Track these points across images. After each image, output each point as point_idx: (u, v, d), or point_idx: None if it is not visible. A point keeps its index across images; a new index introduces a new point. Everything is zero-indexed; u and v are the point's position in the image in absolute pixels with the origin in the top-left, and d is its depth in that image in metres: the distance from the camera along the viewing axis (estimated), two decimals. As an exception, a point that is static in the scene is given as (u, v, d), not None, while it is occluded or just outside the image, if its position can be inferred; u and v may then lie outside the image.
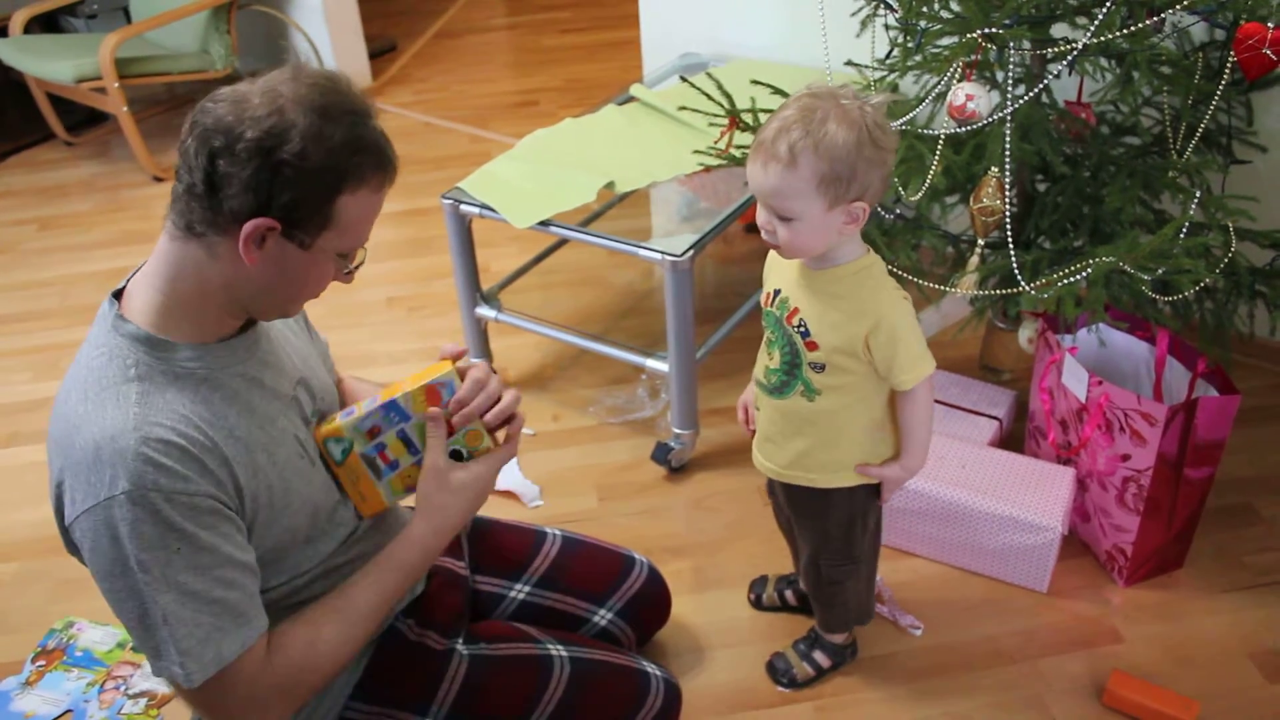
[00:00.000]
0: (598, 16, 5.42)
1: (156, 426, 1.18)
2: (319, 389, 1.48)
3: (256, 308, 1.30)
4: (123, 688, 2.15)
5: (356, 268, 1.32)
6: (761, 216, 1.49)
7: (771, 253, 1.63)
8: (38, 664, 2.22)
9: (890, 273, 1.61)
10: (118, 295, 1.29)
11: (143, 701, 2.12)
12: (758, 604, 2.15)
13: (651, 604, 1.85)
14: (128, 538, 1.16)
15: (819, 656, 1.97)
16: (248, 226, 1.18)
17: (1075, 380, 2.10)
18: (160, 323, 1.24)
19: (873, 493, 1.73)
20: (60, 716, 2.12)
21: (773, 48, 3.12)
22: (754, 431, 1.79)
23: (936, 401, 2.45)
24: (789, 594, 2.12)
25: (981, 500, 2.11)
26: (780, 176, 1.42)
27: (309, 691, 1.32)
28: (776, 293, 1.62)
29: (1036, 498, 2.10)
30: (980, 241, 2.06)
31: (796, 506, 1.80)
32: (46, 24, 4.71)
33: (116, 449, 1.16)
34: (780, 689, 1.97)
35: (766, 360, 1.67)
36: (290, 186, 1.17)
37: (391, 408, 1.42)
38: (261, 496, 1.29)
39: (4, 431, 2.91)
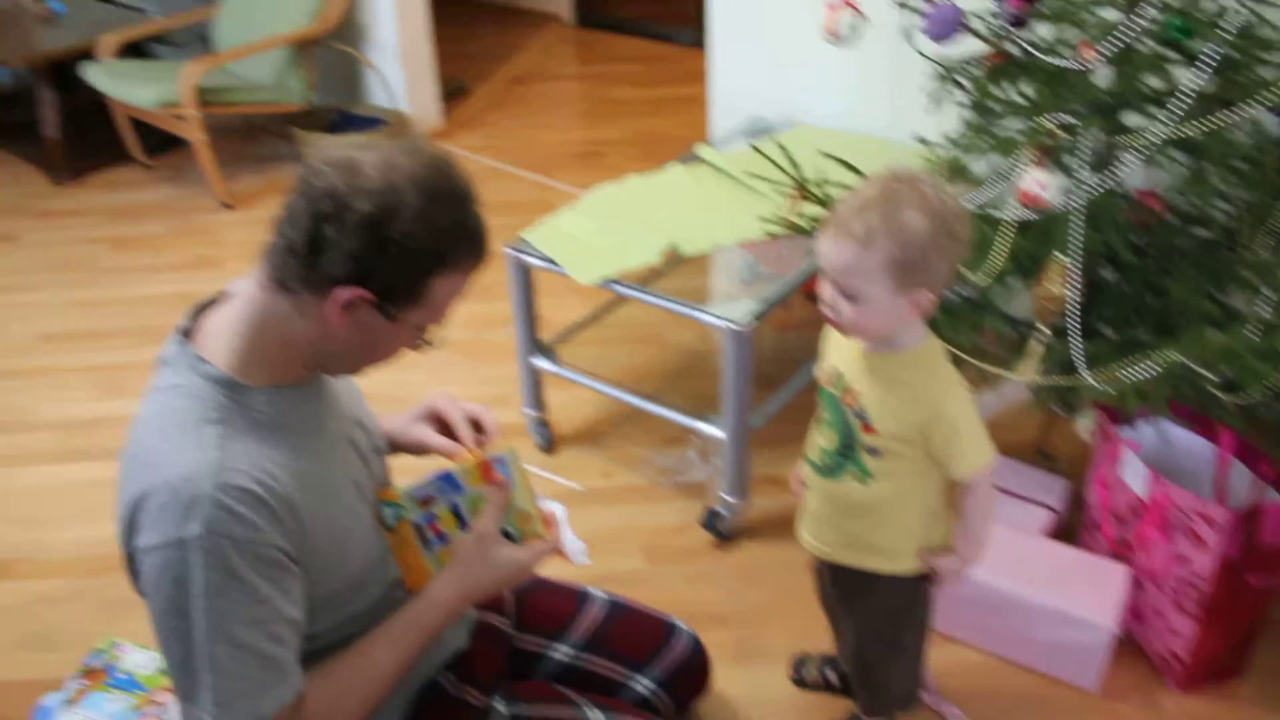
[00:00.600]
0: (667, 71, 5.47)
1: (234, 473, 1.19)
2: (371, 425, 1.50)
3: (331, 365, 1.32)
4: (161, 715, 2.16)
5: (434, 344, 1.34)
6: (826, 292, 1.49)
7: (830, 330, 1.63)
8: (81, 682, 2.24)
9: (950, 355, 1.60)
10: (187, 333, 1.31)
11: (180, 731, 2.13)
12: (800, 681, 2.12)
13: (692, 674, 1.84)
14: (191, 582, 1.17)
15: None
16: (343, 294, 1.20)
17: (1134, 476, 2.07)
18: (239, 367, 1.26)
19: (923, 579, 1.71)
20: (98, 738, 2.14)
21: (841, 115, 3.14)
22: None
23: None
24: (831, 674, 2.10)
25: (1032, 591, 2.08)
26: (852, 255, 1.42)
27: None
28: (835, 372, 1.62)
29: (1089, 593, 2.06)
30: (1043, 327, 2.05)
31: (843, 587, 1.78)
32: (135, 50, 4.84)
33: (194, 492, 1.17)
34: (817, 769, 1.94)
35: (820, 439, 1.66)
36: (391, 264, 1.19)
37: (446, 479, 1.43)
38: (324, 542, 1.30)
39: (64, 447, 2.96)
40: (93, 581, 2.50)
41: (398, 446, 1.61)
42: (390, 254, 1.19)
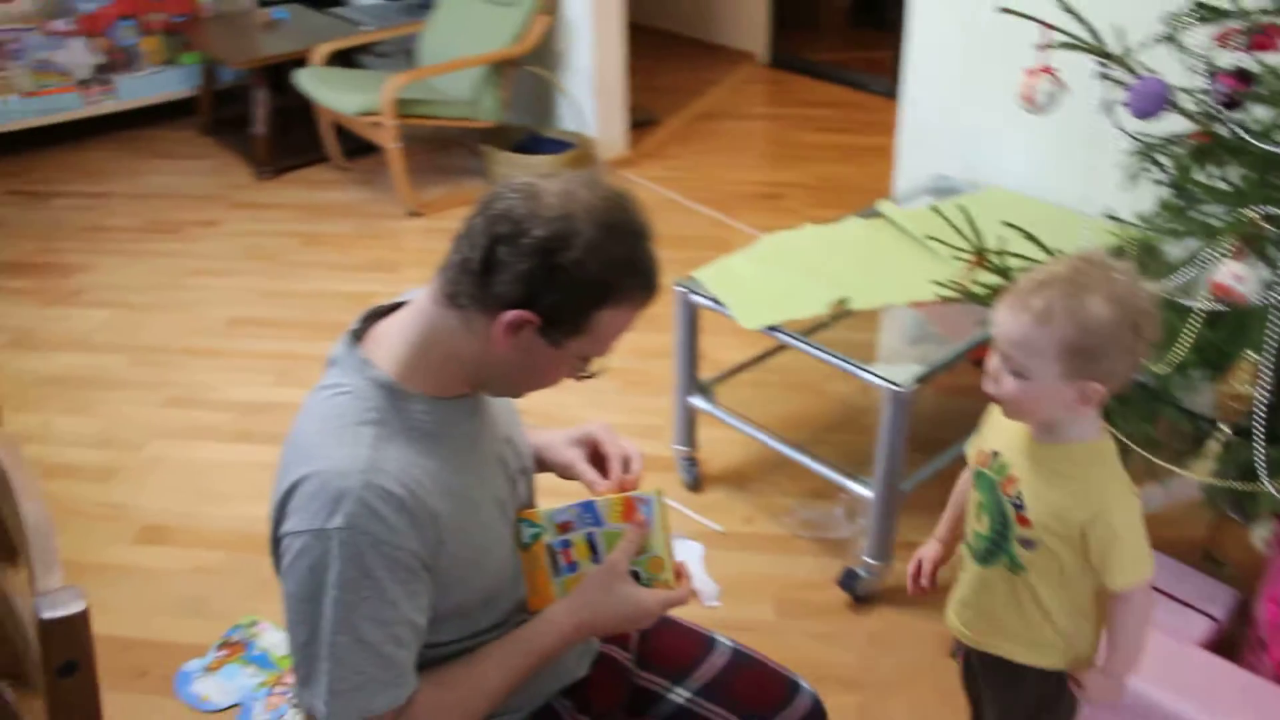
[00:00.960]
0: (858, 120, 5.43)
1: (383, 474, 1.23)
2: (521, 447, 1.52)
3: (491, 385, 1.35)
4: (289, 695, 2.24)
5: (593, 375, 1.35)
6: (992, 362, 1.44)
7: (994, 408, 1.57)
8: (221, 652, 2.35)
9: (1118, 444, 1.53)
10: (357, 336, 1.35)
11: (303, 713, 2.20)
12: None
13: (809, 736, 1.80)
14: (327, 571, 1.21)
15: None
16: (509, 315, 1.22)
17: (1309, 593, 1.94)
18: (403, 374, 1.30)
19: (1069, 679, 1.63)
20: (229, 708, 2.23)
21: (1030, 182, 3.05)
22: (920, 588, 1.74)
23: (1149, 583, 2.30)
24: None
25: (1185, 707, 1.95)
26: (1026, 329, 1.36)
27: None
28: (995, 455, 1.55)
29: (1247, 718, 1.93)
30: (1224, 426, 1.94)
31: (988, 675, 1.71)
32: (343, 59, 5.08)
33: (342, 486, 1.21)
34: None
35: (975, 523, 1.59)
36: (560, 290, 1.21)
37: (588, 508, 1.43)
38: (460, 555, 1.32)
39: (238, 428, 3.11)
40: (245, 558, 2.61)
41: (543, 464, 1.63)
42: (559, 281, 1.21)
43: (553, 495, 1.50)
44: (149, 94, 5.15)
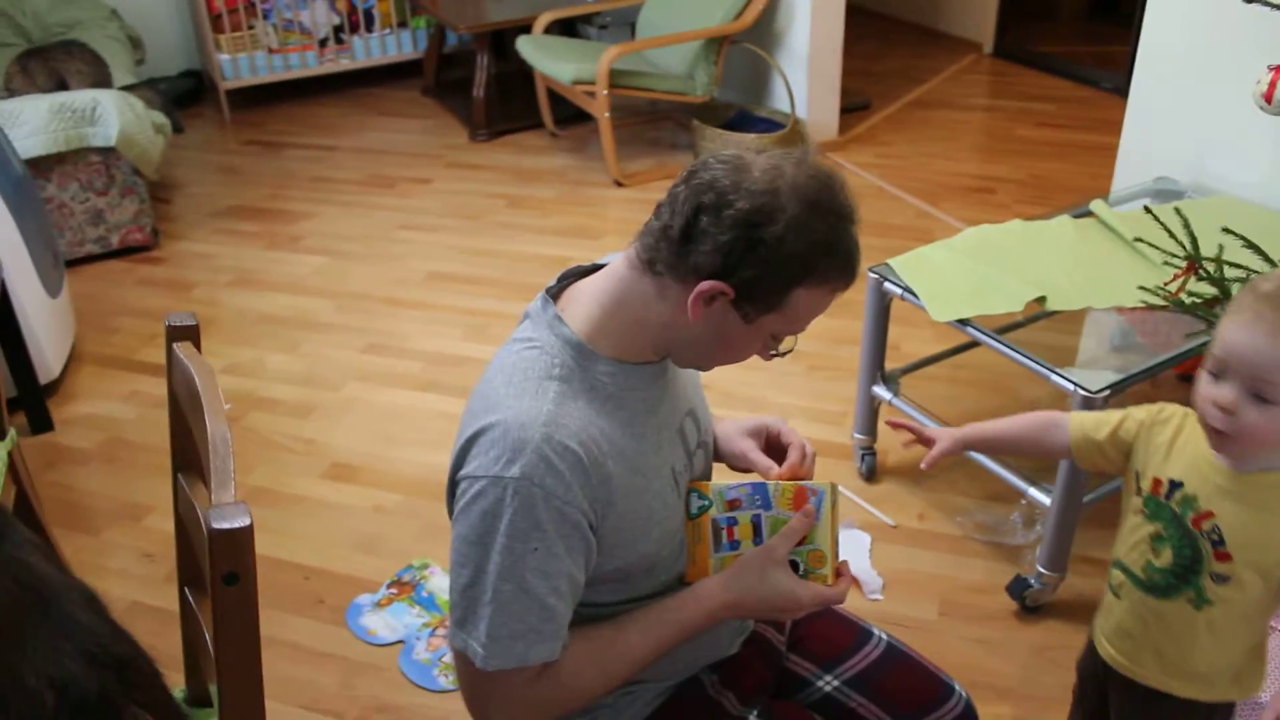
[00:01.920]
0: (1080, 116, 5.18)
1: (563, 429, 1.24)
2: (703, 421, 1.51)
3: (679, 354, 1.35)
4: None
5: (784, 354, 1.34)
6: (1226, 394, 1.27)
7: (1164, 432, 1.44)
8: (391, 590, 2.45)
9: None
10: (553, 294, 1.37)
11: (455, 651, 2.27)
12: None
13: (959, 743, 1.74)
14: (499, 518, 1.23)
15: None
16: (704, 285, 1.22)
17: None
18: (592, 334, 1.31)
19: (1220, 706, 1.52)
20: (394, 643, 2.32)
21: (1262, 190, 2.84)
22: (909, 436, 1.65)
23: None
24: None
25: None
26: (1269, 344, 1.22)
27: (559, 711, 1.34)
28: (1174, 484, 1.42)
29: None
30: None
31: (1125, 695, 1.61)
32: (564, 28, 5.18)
33: (522, 436, 1.23)
34: None
35: (1151, 556, 1.46)
36: (758, 264, 1.21)
37: (759, 490, 1.42)
38: (627, 519, 1.33)
39: (426, 378, 3.22)
40: (421, 503, 2.71)
41: (717, 453, 1.62)
42: (758, 255, 1.20)
43: (728, 477, 1.49)
44: (380, 55, 5.39)
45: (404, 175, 4.60)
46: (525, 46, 4.57)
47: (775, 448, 1.57)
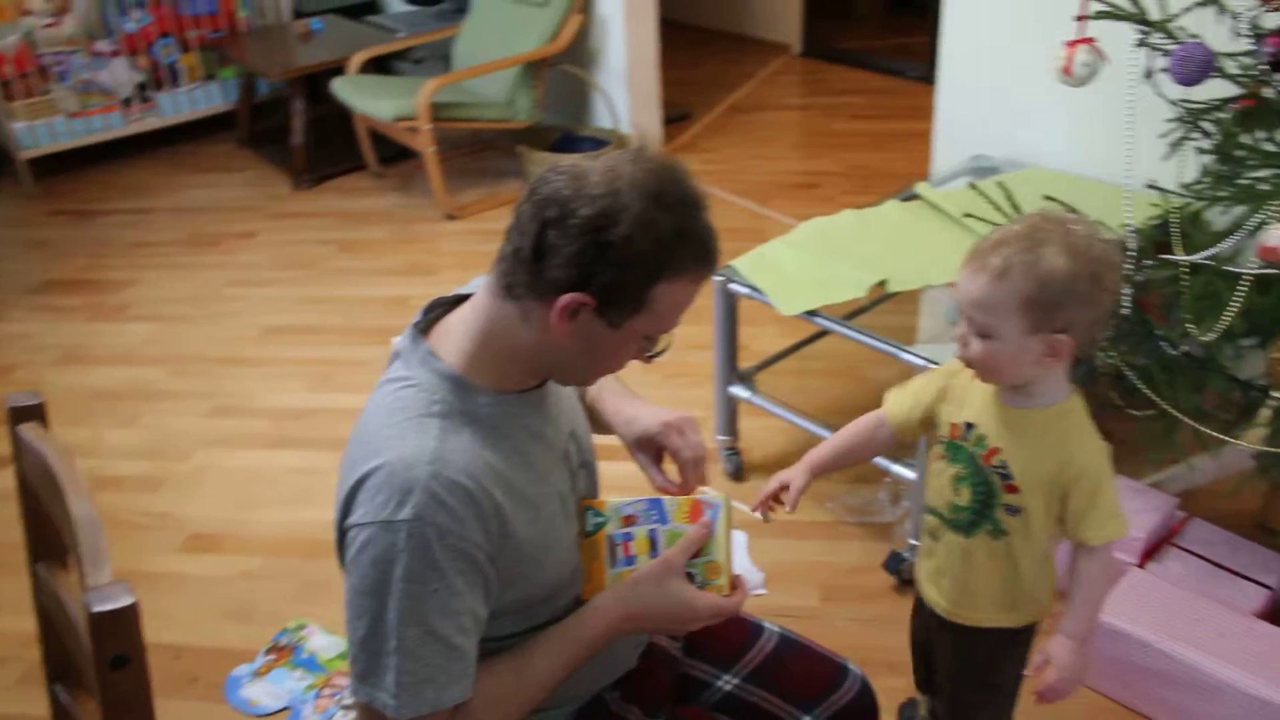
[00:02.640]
0: (891, 106, 5.38)
1: (449, 465, 1.21)
2: (584, 439, 1.50)
3: (558, 374, 1.34)
4: (337, 696, 2.24)
5: (660, 353, 1.33)
6: (960, 327, 1.45)
7: (959, 381, 1.58)
8: (269, 657, 2.36)
9: (1172, 415, 1.49)
10: (421, 329, 1.34)
11: (353, 714, 2.20)
12: None
13: (859, 719, 1.77)
14: (394, 564, 1.19)
15: None
16: (564, 299, 1.21)
17: (1373, 563, 1.89)
18: (468, 367, 1.29)
19: (1026, 630, 1.65)
20: (279, 711, 2.24)
21: (1070, 158, 3.00)
22: (770, 507, 1.75)
23: (1200, 557, 2.26)
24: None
25: (1240, 677, 1.91)
26: (986, 288, 1.38)
27: None
28: (969, 426, 1.55)
29: (1310, 685, 1.89)
30: (1276, 393, 1.89)
31: (946, 634, 1.72)
32: (379, 66, 5.11)
33: (409, 477, 1.20)
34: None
35: (952, 496, 1.58)
36: (612, 268, 1.19)
37: (655, 505, 1.42)
38: (523, 550, 1.30)
39: (274, 434, 3.13)
40: (290, 563, 2.62)
41: (603, 428, 1.60)
42: (610, 259, 1.19)
43: (616, 491, 1.48)
44: (189, 110, 5.21)
45: (228, 231, 4.46)
46: (341, 88, 4.49)
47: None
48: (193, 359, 3.54)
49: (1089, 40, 2.07)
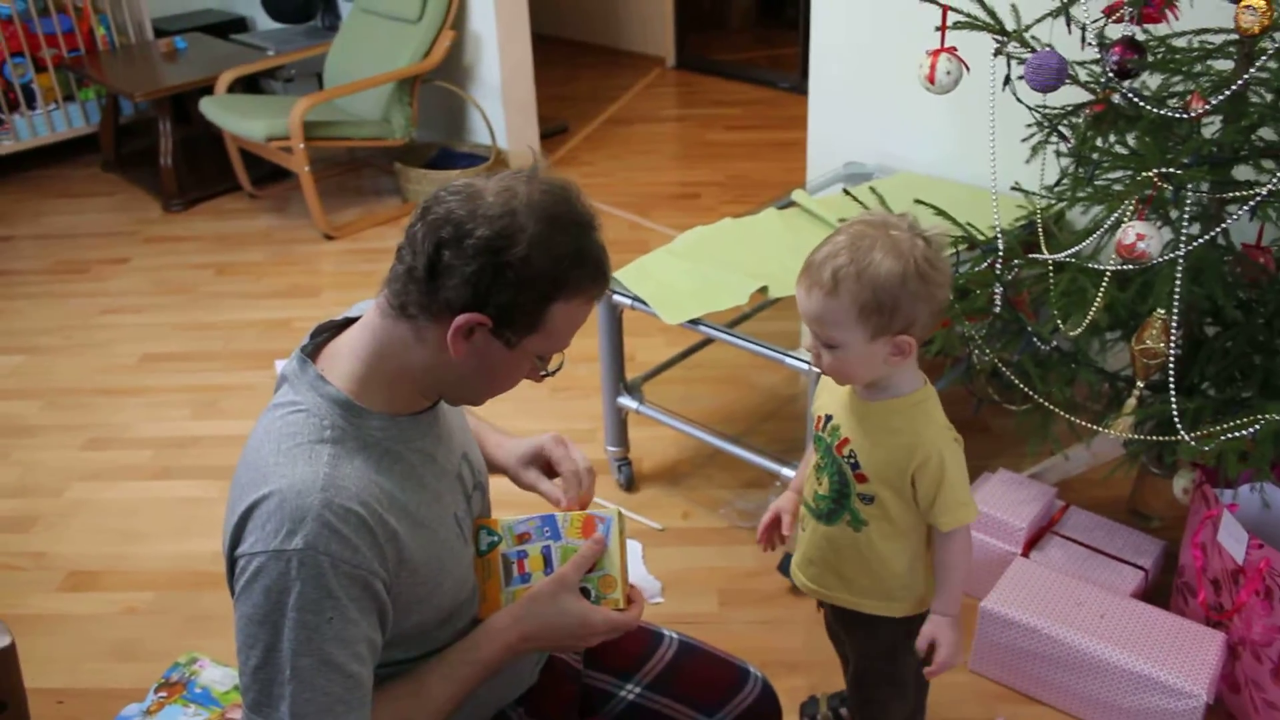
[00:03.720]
0: (766, 116, 5.49)
1: (342, 492, 1.20)
2: (476, 461, 1.50)
3: (449, 393, 1.33)
4: (235, 731, 2.19)
5: (553, 372, 1.34)
6: (807, 340, 1.49)
7: (825, 376, 1.62)
8: (159, 695, 2.29)
9: (1047, 408, 1.56)
10: (309, 353, 1.32)
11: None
12: None
13: (762, 720, 1.80)
14: (287, 594, 1.18)
15: None
16: (460, 319, 1.20)
17: (1233, 540, 1.99)
18: (359, 390, 1.27)
19: (920, 620, 1.68)
20: (173, 752, 2.18)
21: (939, 164, 3.10)
22: (771, 540, 1.78)
23: (1079, 543, 2.35)
24: (844, 711, 2.08)
25: (1120, 655, 2.00)
26: (822, 303, 1.42)
27: None
28: (828, 418, 1.60)
29: (1181, 660, 1.98)
30: (1140, 383, 1.99)
31: (843, 623, 1.78)
32: (248, 85, 5.01)
33: (300, 505, 1.18)
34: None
35: (815, 485, 1.64)
36: (509, 288, 1.19)
37: (548, 521, 1.43)
38: (420, 574, 1.30)
39: (158, 465, 3.04)
40: (177, 596, 2.55)
41: (512, 478, 1.62)
42: (508, 279, 1.19)
43: (510, 507, 1.49)
44: (48, 133, 5.03)
45: (96, 257, 4.32)
46: (210, 108, 4.39)
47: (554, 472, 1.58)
48: (64, 390, 3.42)
49: (950, 49, 2.14)
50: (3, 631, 1.00)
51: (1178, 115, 1.89)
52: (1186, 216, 1.88)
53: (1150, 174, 1.84)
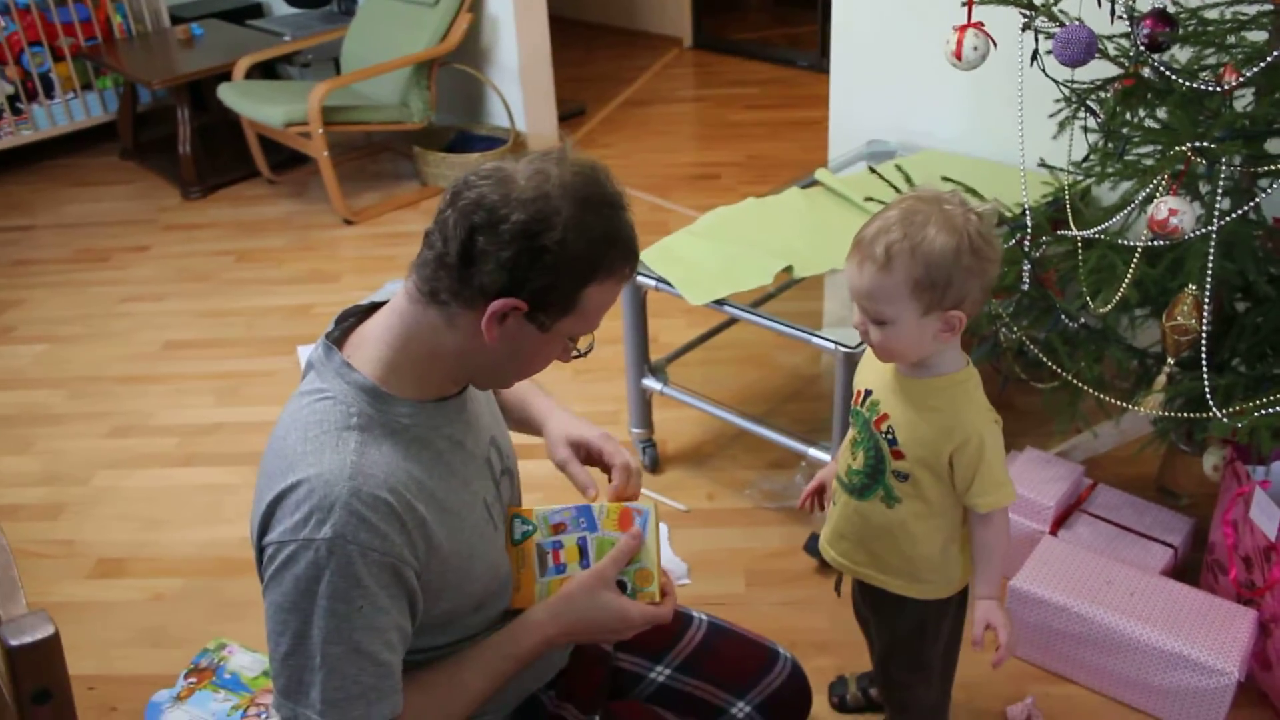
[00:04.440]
0: (786, 95, 5.45)
1: (370, 480, 1.20)
2: (505, 446, 1.49)
3: (480, 378, 1.33)
4: (263, 715, 2.20)
5: (585, 353, 1.33)
6: (856, 317, 1.48)
7: (867, 351, 1.61)
8: (189, 680, 2.30)
9: (1075, 386, 1.54)
10: (335, 340, 1.32)
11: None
12: (841, 706, 2.10)
13: (791, 701, 1.79)
14: (317, 582, 1.18)
15: None
16: (495, 304, 1.20)
17: (1265, 517, 1.97)
18: (386, 376, 1.27)
19: (949, 602, 1.69)
20: (204, 736, 2.19)
21: (963, 140, 3.07)
22: (811, 507, 1.78)
23: (1108, 521, 2.34)
24: (873, 692, 2.09)
25: (1151, 633, 1.99)
26: (874, 278, 1.40)
27: None
28: (867, 394, 1.59)
29: (1212, 637, 1.97)
30: (1170, 360, 1.97)
31: (871, 602, 1.78)
32: (265, 71, 5.00)
33: (329, 494, 1.18)
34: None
35: (850, 459, 1.63)
36: (546, 272, 1.19)
37: (584, 512, 1.43)
38: (450, 560, 1.29)
39: (183, 452, 3.05)
40: (205, 582, 2.56)
41: (527, 427, 1.62)
42: (544, 263, 1.18)
43: (534, 489, 1.48)
44: (67, 122, 5.04)
45: (117, 245, 4.33)
46: (229, 94, 4.38)
47: (597, 464, 1.58)
48: (88, 379, 3.44)
49: (977, 25, 2.12)
50: (46, 621, 1.00)
51: (1210, 89, 1.86)
52: (1219, 192, 1.85)
53: (1184, 148, 1.82)
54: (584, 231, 1.19)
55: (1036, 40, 2.04)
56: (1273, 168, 1.87)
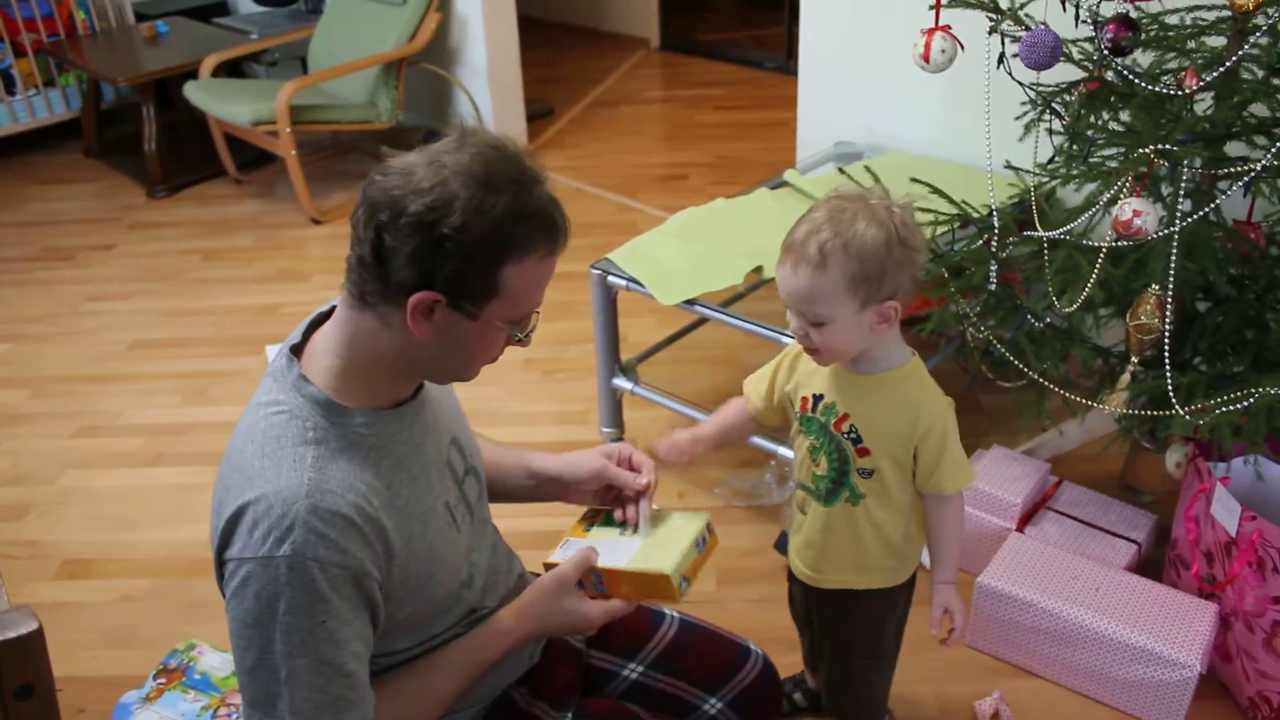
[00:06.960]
0: (753, 96, 5.48)
1: (328, 495, 1.20)
2: (468, 445, 1.49)
3: (429, 373, 1.32)
4: (234, 715, 2.19)
5: (530, 333, 1.31)
6: (794, 323, 1.48)
7: (801, 357, 1.63)
8: (158, 681, 2.28)
9: (1040, 384, 1.57)
10: (295, 351, 1.31)
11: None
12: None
13: (763, 697, 1.81)
14: (277, 599, 1.17)
15: None
16: (414, 299, 1.19)
17: (1226, 512, 2.01)
18: (338, 387, 1.26)
19: (901, 589, 1.72)
20: (174, 737, 2.18)
21: (930, 143, 3.11)
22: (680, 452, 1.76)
23: (1073, 518, 2.37)
24: (797, 696, 2.12)
25: (1114, 627, 2.02)
26: (810, 279, 1.42)
27: None
28: (817, 398, 1.61)
29: (1174, 631, 2.00)
30: (1134, 359, 2.00)
31: (832, 608, 1.78)
32: (231, 69, 4.97)
33: (286, 512, 1.18)
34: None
35: (812, 467, 1.64)
36: (452, 260, 1.17)
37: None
38: (412, 565, 1.30)
39: (151, 452, 3.03)
40: (174, 583, 2.55)
41: (563, 484, 1.62)
42: (448, 251, 1.16)
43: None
44: (28, 119, 4.98)
45: (81, 244, 4.29)
46: (195, 92, 4.35)
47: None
48: (53, 378, 3.40)
49: (945, 28, 2.15)
50: (29, 617, 1.00)
51: (1171, 92, 1.90)
52: (1180, 193, 1.89)
53: (1147, 150, 1.85)
54: (484, 213, 1.16)
55: (1003, 43, 2.07)
56: (1232, 170, 1.90)
